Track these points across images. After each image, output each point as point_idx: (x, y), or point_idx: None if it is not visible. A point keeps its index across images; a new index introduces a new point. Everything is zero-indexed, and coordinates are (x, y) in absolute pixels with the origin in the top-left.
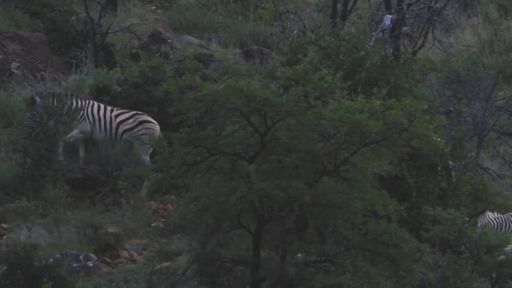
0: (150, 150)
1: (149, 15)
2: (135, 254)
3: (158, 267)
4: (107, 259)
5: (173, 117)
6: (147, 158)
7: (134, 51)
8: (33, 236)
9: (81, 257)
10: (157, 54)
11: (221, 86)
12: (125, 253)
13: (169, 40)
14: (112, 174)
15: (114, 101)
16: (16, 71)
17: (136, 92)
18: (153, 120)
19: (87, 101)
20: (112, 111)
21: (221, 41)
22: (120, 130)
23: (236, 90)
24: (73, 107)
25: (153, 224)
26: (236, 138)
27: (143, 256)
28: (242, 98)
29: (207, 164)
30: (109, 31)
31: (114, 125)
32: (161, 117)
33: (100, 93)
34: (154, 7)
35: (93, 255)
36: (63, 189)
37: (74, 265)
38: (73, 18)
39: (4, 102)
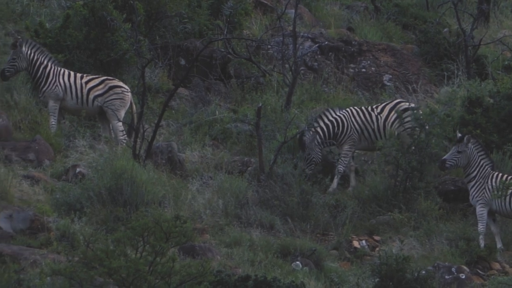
0: (122, 115)
1: None
2: (507, 266)
3: None
4: (479, 271)
5: None
6: (119, 124)
7: (506, 63)
8: (405, 248)
9: (453, 269)
10: None
11: None
12: (497, 265)
13: None
14: None
15: (486, 113)
16: (388, 83)
17: (509, 104)
18: (124, 85)
19: (58, 68)
20: (82, 77)
21: None
22: (91, 96)
23: None
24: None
25: None
26: None
27: None
28: None
29: None
30: (481, 43)
31: (85, 91)
32: None
33: (472, 105)
34: None
35: (465, 267)
36: (435, 201)
37: (446, 277)
38: (445, 30)
39: None
